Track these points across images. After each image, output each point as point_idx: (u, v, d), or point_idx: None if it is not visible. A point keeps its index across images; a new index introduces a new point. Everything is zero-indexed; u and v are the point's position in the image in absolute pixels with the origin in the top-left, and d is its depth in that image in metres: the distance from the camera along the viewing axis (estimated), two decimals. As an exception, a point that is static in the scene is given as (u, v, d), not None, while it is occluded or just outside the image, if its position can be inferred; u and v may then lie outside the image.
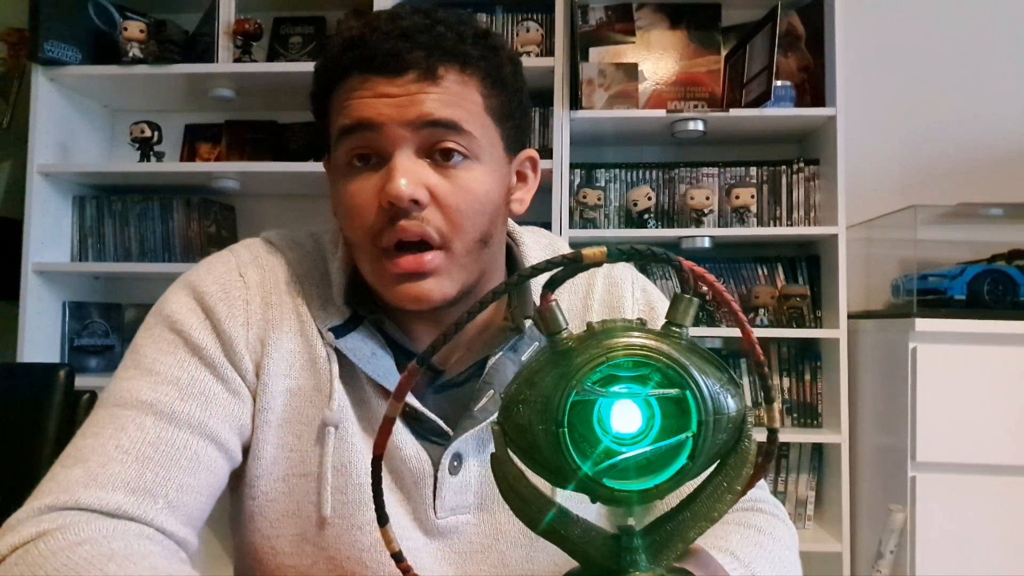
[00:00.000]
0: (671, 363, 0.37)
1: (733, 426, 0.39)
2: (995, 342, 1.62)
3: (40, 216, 2.01)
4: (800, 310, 1.98)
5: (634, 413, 0.38)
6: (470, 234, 0.65)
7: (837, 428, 1.88)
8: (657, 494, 0.38)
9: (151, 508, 0.59)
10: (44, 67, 1.99)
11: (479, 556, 0.69)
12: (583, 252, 0.39)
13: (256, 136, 2.24)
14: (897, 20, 2.20)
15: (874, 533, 1.77)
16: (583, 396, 0.37)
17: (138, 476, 0.59)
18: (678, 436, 0.37)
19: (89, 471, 0.59)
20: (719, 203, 2.06)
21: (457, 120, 0.63)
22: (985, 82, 2.17)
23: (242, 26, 2.01)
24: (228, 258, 0.71)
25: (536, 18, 2.10)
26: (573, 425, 0.37)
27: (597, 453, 0.37)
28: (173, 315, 0.67)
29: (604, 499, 0.38)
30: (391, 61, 0.62)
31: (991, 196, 2.10)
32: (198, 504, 0.63)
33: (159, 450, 0.61)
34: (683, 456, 0.37)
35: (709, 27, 2.16)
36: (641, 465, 0.38)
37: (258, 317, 0.68)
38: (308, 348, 0.68)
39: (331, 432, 0.67)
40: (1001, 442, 1.61)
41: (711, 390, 0.37)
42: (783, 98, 1.95)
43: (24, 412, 1.00)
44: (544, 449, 0.38)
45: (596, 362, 0.37)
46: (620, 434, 0.38)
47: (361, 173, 0.65)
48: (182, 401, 0.63)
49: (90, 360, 2.15)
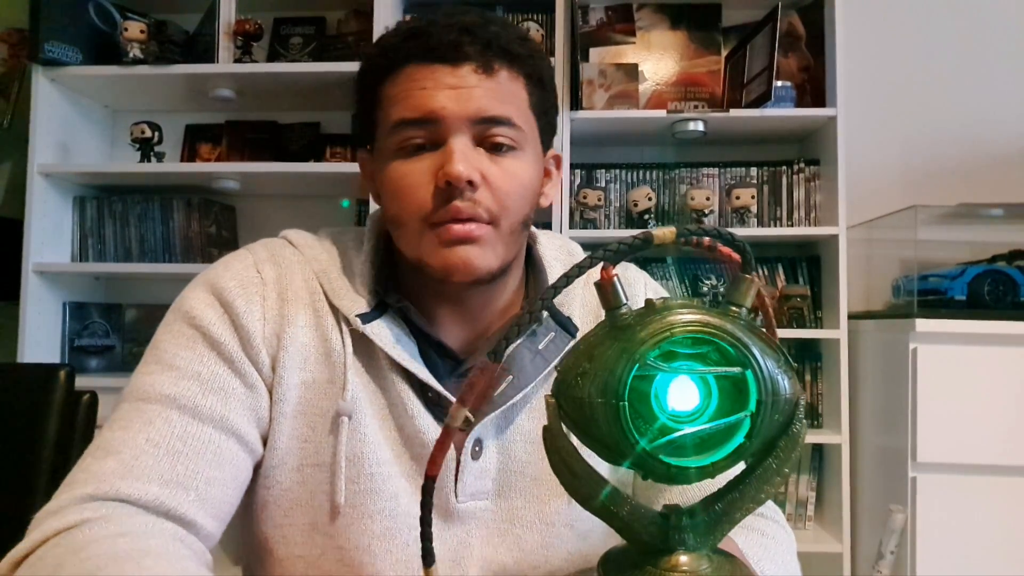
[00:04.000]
0: (734, 340, 0.37)
1: (788, 407, 0.39)
2: (996, 343, 1.62)
3: (40, 216, 2.02)
4: (800, 310, 1.98)
5: (692, 390, 0.37)
6: (515, 216, 0.69)
7: (837, 428, 1.88)
8: (713, 471, 0.38)
9: (184, 500, 0.61)
10: (45, 67, 1.99)
11: (496, 540, 0.71)
12: (654, 232, 0.39)
13: (256, 136, 2.25)
14: (897, 20, 2.20)
15: (874, 534, 1.76)
16: (644, 371, 0.36)
17: (170, 469, 0.61)
18: (737, 415, 0.37)
19: (123, 463, 0.60)
20: (719, 203, 2.06)
21: (509, 116, 0.68)
22: (986, 82, 2.17)
23: (242, 26, 2.01)
24: (245, 256, 0.73)
25: (536, 18, 2.10)
26: (631, 400, 0.37)
27: (653, 430, 0.37)
28: (192, 311, 0.69)
29: (659, 476, 0.38)
30: (451, 51, 0.66)
31: (992, 196, 2.10)
32: (225, 497, 0.65)
33: (187, 444, 0.63)
34: (740, 435, 0.37)
35: (709, 27, 2.16)
36: (698, 443, 0.38)
37: (274, 312, 0.69)
38: (323, 342, 0.70)
39: (344, 422, 0.68)
40: (1001, 443, 1.61)
41: (771, 370, 0.37)
42: (783, 98, 1.95)
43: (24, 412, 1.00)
44: (602, 423, 0.37)
45: (660, 337, 0.36)
46: (676, 411, 0.37)
47: (414, 155, 0.68)
48: (204, 396, 0.65)
49: (90, 360, 2.15)
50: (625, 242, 0.40)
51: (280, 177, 2.05)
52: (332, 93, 2.11)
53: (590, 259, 0.40)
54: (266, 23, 2.13)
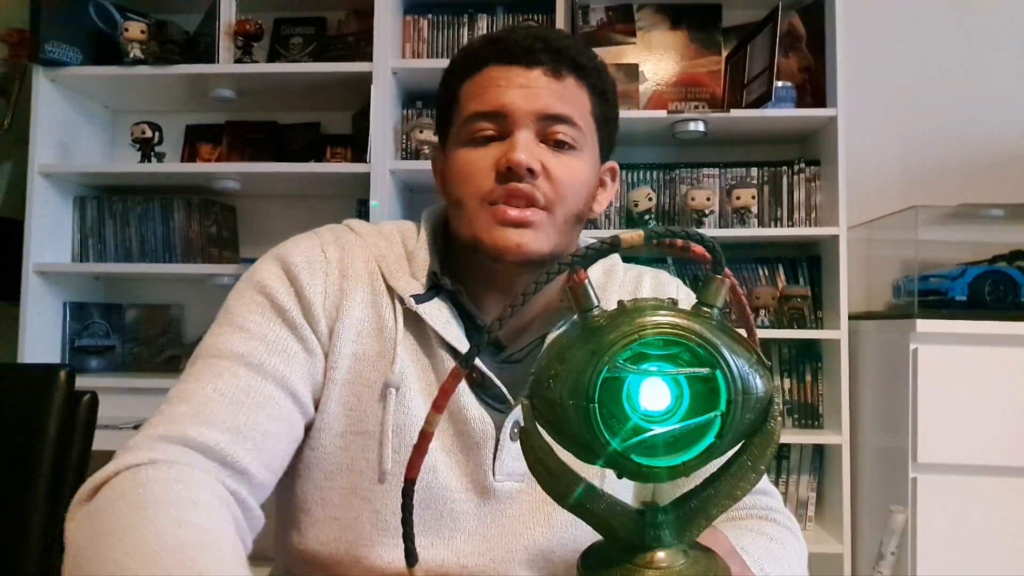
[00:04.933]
0: (702, 342, 0.37)
1: (760, 406, 0.40)
2: (996, 343, 1.62)
3: (41, 217, 2.02)
4: (801, 311, 1.98)
5: (663, 391, 0.38)
6: (570, 207, 0.75)
7: (838, 429, 1.88)
8: (685, 471, 0.38)
9: (242, 448, 0.66)
10: (45, 68, 1.99)
11: (527, 518, 0.74)
12: (621, 235, 0.40)
13: (257, 136, 2.25)
14: (898, 20, 2.20)
15: (875, 534, 1.76)
16: (614, 373, 0.37)
17: (233, 417, 0.66)
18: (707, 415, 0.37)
19: (193, 409, 0.66)
20: (720, 204, 2.06)
21: (571, 116, 0.75)
22: (986, 82, 2.17)
23: (243, 27, 2.01)
24: (313, 237, 0.80)
25: (536, 18, 2.10)
26: (602, 401, 0.37)
27: (626, 430, 0.37)
28: (263, 280, 0.75)
29: (632, 475, 0.39)
30: (526, 55, 0.74)
31: (992, 197, 2.10)
32: (278, 450, 0.70)
33: (250, 396, 0.68)
34: (711, 434, 0.37)
35: (710, 28, 2.16)
36: (669, 442, 0.38)
37: (335, 288, 0.76)
38: (377, 318, 0.76)
39: (392, 393, 0.73)
40: (1002, 443, 1.61)
41: (740, 370, 0.37)
42: (784, 99, 1.95)
43: (24, 413, 1.00)
44: (574, 424, 0.38)
45: (628, 339, 0.37)
46: (649, 411, 0.38)
47: (482, 144, 0.75)
48: (268, 356, 0.71)
49: (91, 361, 2.15)
50: (593, 247, 0.41)
51: (280, 177, 2.05)
52: (332, 93, 2.11)
53: (558, 265, 0.42)
54: (266, 23, 2.13)
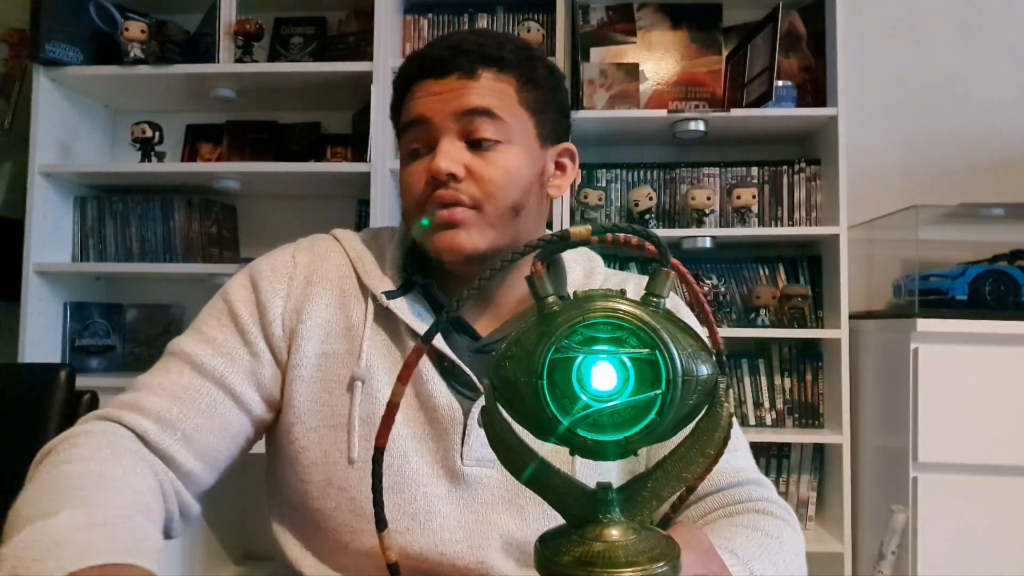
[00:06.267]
0: (642, 325, 0.41)
1: (703, 390, 0.43)
2: (997, 342, 1.62)
3: (41, 216, 2.02)
4: (801, 310, 1.98)
5: (610, 373, 0.41)
6: (502, 201, 0.77)
7: (838, 428, 1.88)
8: (629, 446, 0.41)
9: (169, 437, 0.73)
10: (45, 67, 1.99)
11: (500, 507, 0.76)
12: (570, 230, 0.45)
13: (257, 136, 2.25)
14: (898, 20, 2.20)
15: (876, 534, 1.76)
16: (562, 353, 0.41)
17: (167, 410, 0.74)
18: (648, 393, 0.41)
19: (135, 398, 0.75)
20: (720, 203, 2.06)
21: (490, 107, 0.76)
22: (986, 82, 2.17)
23: (243, 26, 2.01)
24: (289, 247, 0.86)
25: (537, 18, 2.10)
26: (555, 382, 0.41)
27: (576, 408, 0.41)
28: (228, 289, 0.83)
29: (582, 450, 0.42)
30: (439, 66, 0.77)
31: (993, 196, 2.10)
32: (211, 443, 0.76)
33: (187, 392, 0.75)
34: (653, 412, 0.41)
35: (710, 27, 2.16)
36: (617, 422, 0.42)
37: (299, 292, 0.81)
38: (345, 318, 0.81)
39: (359, 386, 0.77)
40: (1003, 443, 1.61)
41: (680, 353, 0.41)
42: (784, 98, 1.95)
43: (25, 412, 1.00)
44: (527, 400, 0.42)
45: (574, 321, 0.41)
46: (598, 392, 0.41)
47: (417, 159, 0.80)
48: (212, 358, 0.77)
49: (91, 360, 2.15)
50: (544, 238, 0.45)
51: (281, 177, 2.05)
52: (333, 93, 2.11)
53: (512, 253, 0.46)
54: (267, 23, 2.12)
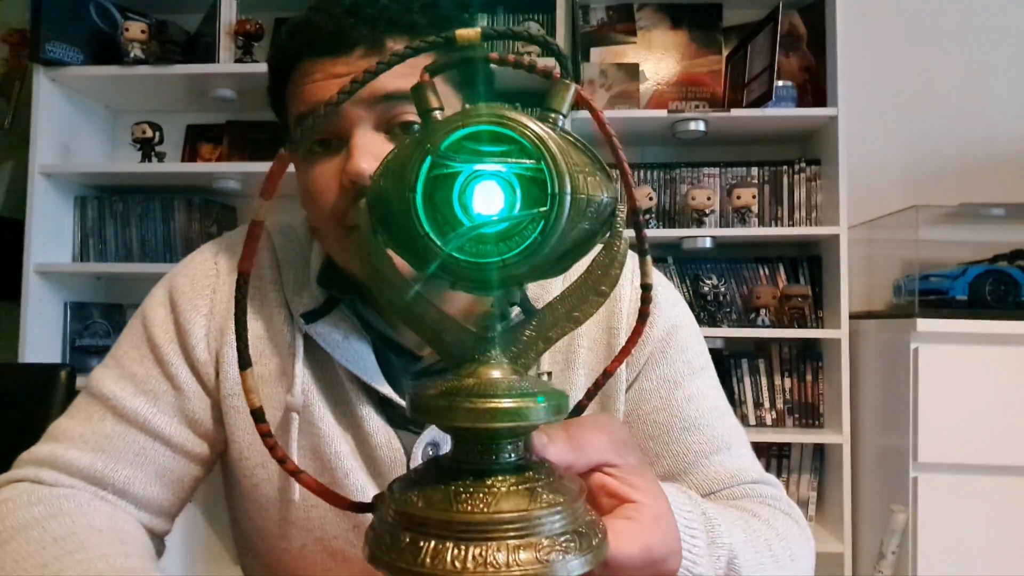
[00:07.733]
0: (528, 134, 0.35)
1: (595, 213, 0.38)
2: (997, 342, 1.61)
3: (41, 216, 2.02)
4: (802, 310, 1.97)
5: (495, 193, 0.36)
6: None
7: (839, 428, 1.88)
8: (507, 269, 0.36)
9: (100, 491, 0.66)
10: (46, 68, 1.99)
11: None
12: (457, 32, 0.39)
13: (257, 136, 2.24)
14: (898, 20, 2.20)
15: (876, 534, 1.76)
16: (441, 169, 0.36)
17: (90, 465, 0.66)
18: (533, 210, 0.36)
19: (55, 452, 0.66)
20: (720, 203, 2.06)
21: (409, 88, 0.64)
22: (987, 82, 2.17)
23: (243, 26, 2.01)
24: (212, 245, 0.75)
25: (537, 18, 2.10)
26: (435, 204, 0.36)
27: (458, 234, 0.36)
28: (146, 309, 0.72)
29: (463, 279, 0.38)
30: (337, 40, 0.62)
31: (993, 196, 2.10)
32: (149, 493, 0.68)
33: (112, 443, 0.67)
34: (536, 231, 0.36)
35: (710, 27, 2.16)
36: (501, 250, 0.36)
37: (222, 306, 0.70)
38: (273, 334, 0.70)
39: (295, 418, 0.68)
40: (1003, 443, 1.61)
41: (570, 169, 0.35)
42: (784, 98, 1.95)
43: (25, 412, 1.00)
44: (399, 217, 0.36)
45: (453, 126, 0.36)
46: (481, 216, 0.36)
47: (322, 158, 0.64)
48: (134, 398, 0.68)
49: (91, 360, 2.15)
50: (427, 40, 0.39)
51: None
52: (333, 93, 2.11)
53: (379, 64, 0.39)
54: (267, 23, 2.12)
